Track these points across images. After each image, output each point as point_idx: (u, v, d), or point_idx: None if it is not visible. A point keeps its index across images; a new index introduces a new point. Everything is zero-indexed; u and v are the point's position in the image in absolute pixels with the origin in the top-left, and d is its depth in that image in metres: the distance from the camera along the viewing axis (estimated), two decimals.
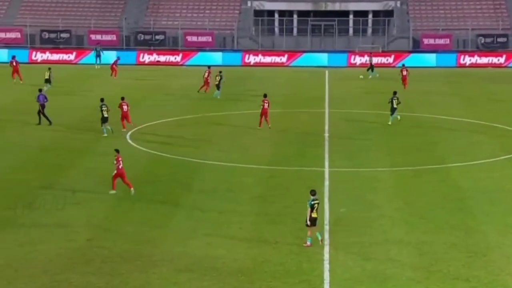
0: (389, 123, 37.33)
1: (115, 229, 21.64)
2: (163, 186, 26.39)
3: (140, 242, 20.58)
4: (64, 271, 18.57)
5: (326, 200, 24.77)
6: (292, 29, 69.18)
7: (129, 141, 33.42)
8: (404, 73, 49.57)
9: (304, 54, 63.11)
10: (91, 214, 22.92)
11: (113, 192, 25.18)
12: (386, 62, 62.43)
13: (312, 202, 20.46)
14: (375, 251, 20.22)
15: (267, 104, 36.47)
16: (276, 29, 69.39)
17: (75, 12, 69.83)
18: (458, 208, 24.06)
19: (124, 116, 35.69)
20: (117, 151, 25.71)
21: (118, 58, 55.93)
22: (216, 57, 62.75)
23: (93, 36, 66.30)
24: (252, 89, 48.32)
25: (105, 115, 34.45)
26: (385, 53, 63.68)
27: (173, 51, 64.98)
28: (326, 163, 29.76)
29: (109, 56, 61.03)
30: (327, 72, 57.06)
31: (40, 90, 37.68)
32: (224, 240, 20.92)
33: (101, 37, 66.33)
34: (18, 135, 34.09)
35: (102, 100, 35.34)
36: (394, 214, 23.45)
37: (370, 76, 53.89)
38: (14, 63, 51.49)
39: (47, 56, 63.43)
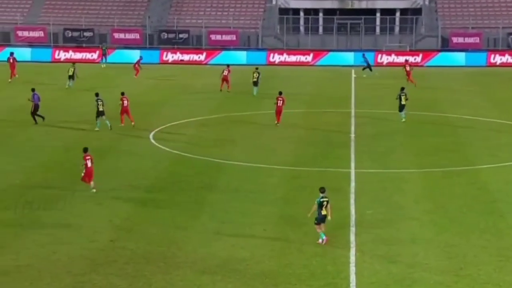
0: (403, 120, 37.57)
1: (138, 230, 21.73)
2: (187, 186, 26.46)
3: (163, 243, 20.66)
4: (87, 272, 18.69)
5: (352, 201, 24.69)
6: (317, 28, 69.04)
7: (152, 141, 33.57)
8: (408, 68, 49.52)
9: (330, 53, 62.94)
10: (114, 215, 23.04)
11: (93, 190, 25.21)
12: (413, 61, 62.05)
13: (321, 200, 20.61)
14: (402, 254, 20.11)
15: (281, 102, 36.90)
16: (301, 28, 69.29)
17: (98, 10, 70.30)
18: (488, 211, 23.85)
19: (124, 111, 36.04)
20: (85, 150, 25.83)
21: (141, 57, 56.13)
22: (240, 56, 62.83)
23: (116, 35, 66.69)
24: (276, 89, 47.97)
25: (100, 109, 35.09)
26: (412, 52, 63.30)
27: (197, 50, 65.17)
28: (352, 164, 29.66)
29: (133, 55, 61.36)
30: (353, 71, 56.88)
31: (33, 90, 37.67)
32: (248, 241, 20.92)
33: (124, 36, 66.74)
34: (42, 135, 34.38)
35: (97, 94, 36.03)
36: (422, 216, 23.30)
37: (365, 76, 53.73)
38: (11, 60, 51.56)
39: (70, 54, 63.88)
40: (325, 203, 20.67)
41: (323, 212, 20.60)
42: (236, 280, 18.39)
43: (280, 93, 37.65)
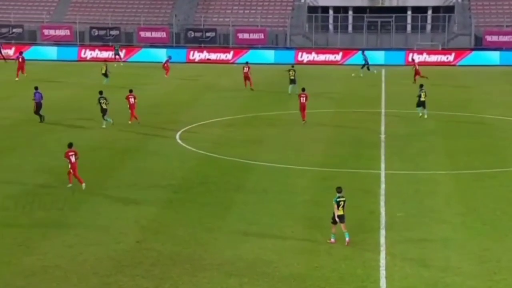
0: (421, 115, 38.11)
1: (165, 231, 21.86)
2: (214, 187, 26.55)
3: (190, 245, 20.75)
4: (114, 273, 18.84)
5: (382, 204, 24.61)
6: (347, 26, 68.87)
7: (179, 141, 33.74)
8: (417, 67, 50.23)
9: (360, 52, 62.77)
10: (140, 216, 23.20)
11: (70, 185, 25.80)
12: (446, 60, 61.67)
13: (338, 199, 20.77)
14: (434, 258, 19.99)
15: (304, 98, 37.27)
16: (331, 26, 69.17)
17: (125, 8, 70.80)
18: None
19: (131, 109, 36.64)
20: (69, 145, 26.41)
21: (170, 57, 56.25)
22: (268, 55, 62.91)
23: (142, 33, 67.13)
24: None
25: (104, 107, 35.79)
26: (445, 51, 62.91)
27: (224, 48, 65.38)
28: (383, 165, 29.55)
29: (160, 55, 61.74)
30: (383, 70, 56.65)
31: (36, 88, 38.17)
32: (276, 244, 20.95)
33: (151, 34, 67.15)
34: (69, 134, 34.67)
35: (101, 92, 36.61)
36: (454, 219, 23.15)
37: (362, 75, 53.45)
38: (20, 59, 52.32)
39: (96, 53, 64.41)
40: (341, 202, 20.84)
41: (340, 212, 20.74)
42: (263, 283, 18.43)
43: (303, 89, 38.20)
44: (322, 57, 62.97)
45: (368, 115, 40.26)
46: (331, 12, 69.01)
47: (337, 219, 20.67)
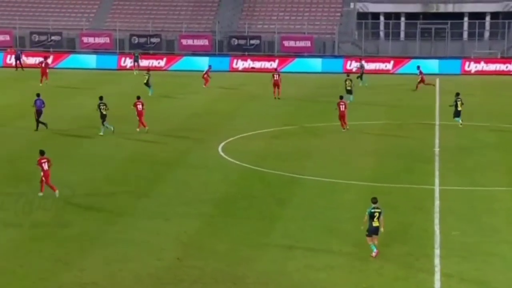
0: (460, 125, 38.30)
1: (207, 248, 21.88)
2: (257, 202, 26.54)
3: (233, 262, 20.74)
4: None
5: (436, 221, 24.30)
6: (399, 33, 68.45)
7: (221, 153, 33.83)
8: (423, 75, 50.77)
9: (412, 61, 62.23)
10: (181, 231, 23.27)
11: (57, 193, 26.34)
12: (505, 69, 60.83)
13: (372, 210, 20.95)
14: (494, 280, 19.64)
15: (343, 106, 38.02)
16: (381, 33, 68.85)
17: (166, 15, 71.38)
18: None
19: (139, 115, 37.53)
20: (41, 153, 26.92)
21: (210, 66, 56.10)
22: (315, 64, 62.83)
23: (184, 41, 67.61)
24: (354, 99, 47.97)
25: (104, 113, 36.49)
26: (504, 60, 62.06)
27: (269, 56, 65.48)
28: (437, 181, 29.20)
29: (202, 63, 62.08)
30: (438, 80, 56.08)
31: (38, 95, 38.86)
32: (323, 262, 20.82)
33: (193, 42, 67.60)
34: (107, 145, 35.06)
35: (101, 98, 37.31)
36: None
37: (360, 84, 52.79)
38: (43, 65, 53.84)
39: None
40: (376, 214, 20.94)
41: (375, 224, 20.89)
42: None
43: (341, 97, 38.83)
44: (372, 66, 62.61)
45: (421, 127, 39.88)
46: (382, 18, 68.70)
47: (367, 232, 20.90)
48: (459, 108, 38.70)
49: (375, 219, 20.91)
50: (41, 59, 56.46)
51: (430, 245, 22.10)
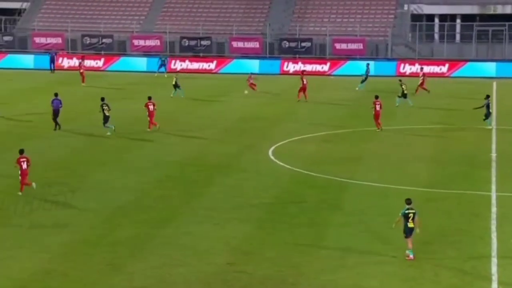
0: (489, 127, 38.57)
1: (257, 253, 21.89)
2: (308, 207, 26.47)
3: (283, 268, 20.69)
4: None
5: (493, 228, 23.94)
6: (454, 35, 67.71)
7: (271, 157, 33.84)
8: (425, 78, 51.10)
9: (468, 64, 61.54)
10: (231, 236, 23.33)
11: (34, 185, 27.14)
12: None
13: (406, 212, 21.19)
14: None
15: (379, 106, 38.44)
16: (436, 36, 68.15)
17: (217, 18, 71.70)
18: None
19: (151, 116, 38.36)
20: (20, 152, 27.46)
21: (252, 74, 54.65)
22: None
23: (234, 44, 67.84)
24: (407, 103, 47.62)
25: (107, 114, 37.41)
26: None
27: (320, 59, 65.36)
28: (493, 187, 28.77)
29: (252, 66, 62.20)
30: (495, 83, 55.30)
31: (56, 95, 39.46)
32: (376, 269, 20.65)
33: (243, 45, 67.79)
34: (157, 149, 35.36)
35: (102, 99, 38.11)
36: None
37: (357, 88, 52.28)
38: (82, 68, 55.55)
39: (187, 64, 65.50)
40: (411, 215, 21.17)
41: (410, 225, 21.14)
42: None
43: (377, 97, 38.96)
44: (426, 69, 61.88)
45: (477, 132, 39.35)
46: (436, 20, 68.02)
47: (404, 234, 21.11)
48: (491, 110, 39.08)
49: (409, 220, 21.19)
50: (79, 60, 57.82)
51: (486, 252, 21.78)
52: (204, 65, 65.26)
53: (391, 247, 22.28)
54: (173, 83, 50.07)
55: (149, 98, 39.17)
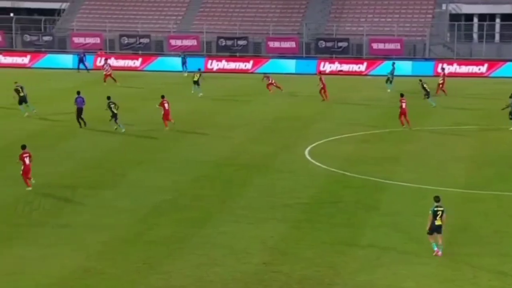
0: None
1: (293, 253, 21.90)
2: (345, 207, 26.42)
3: (320, 268, 20.69)
4: None
5: None
6: (493, 35, 67.01)
7: (308, 157, 33.82)
8: (444, 79, 50.43)
9: (508, 63, 60.81)
10: (267, 235, 23.36)
11: (29, 189, 27.60)
12: None
13: (435, 209, 21.40)
14: None
15: (405, 104, 38.76)
16: (475, 35, 67.50)
17: (253, 18, 71.79)
18: None
19: (166, 114, 38.79)
20: (23, 147, 28.19)
21: (265, 74, 53.76)
22: (405, 66, 62.03)
23: (271, 43, 67.85)
24: (445, 103, 47.30)
25: (115, 112, 38.28)
26: None
27: (357, 59, 65.09)
28: None
29: (289, 66, 62.11)
30: None
31: (78, 93, 40.09)
32: (413, 270, 20.56)
33: (280, 44, 67.76)
34: (193, 149, 35.52)
35: (109, 98, 38.85)
36: None
37: (389, 90, 51.23)
38: (107, 68, 56.13)
39: (223, 64, 65.64)
40: (439, 212, 21.36)
41: (437, 222, 21.31)
42: None
43: (402, 95, 39.43)
44: (464, 69, 61.49)
45: None
46: (475, 20, 67.36)
47: (431, 230, 21.25)
48: None
49: (437, 218, 21.34)
50: (105, 60, 58.64)
51: None
52: (241, 65, 65.34)
53: (428, 248, 22.13)
54: (195, 79, 50.15)
55: (163, 96, 39.71)
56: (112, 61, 64.54)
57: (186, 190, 28.52)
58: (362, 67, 63.54)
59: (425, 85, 46.54)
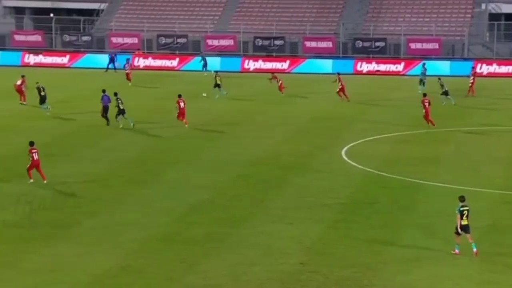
0: None
1: (331, 253, 21.83)
2: (382, 208, 26.27)
3: (357, 269, 20.59)
4: None
5: None
6: None
7: (344, 157, 33.69)
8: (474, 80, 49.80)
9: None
10: (304, 235, 23.32)
11: (31, 181, 28.55)
12: None
13: (461, 209, 21.46)
14: None
15: (427, 103, 39.10)
16: None
17: (290, 17, 71.73)
18: None
19: (181, 113, 39.37)
20: (31, 143, 29.00)
21: (275, 76, 53.54)
22: (443, 66, 61.55)
23: (307, 43, 67.74)
24: (484, 103, 46.85)
25: (121, 107, 39.08)
26: None
27: (394, 59, 64.69)
28: None
29: (325, 66, 61.90)
30: None
31: (103, 91, 40.71)
32: (452, 272, 20.37)
33: (316, 44, 67.62)
34: (230, 148, 35.58)
35: (116, 94, 39.93)
36: None
37: (419, 92, 49.01)
38: (129, 68, 56.64)
39: (260, 64, 65.65)
40: (465, 212, 21.41)
41: (464, 222, 21.35)
42: None
43: (425, 94, 39.62)
44: (504, 69, 60.76)
45: None
46: None
47: (460, 230, 21.23)
48: None
49: (464, 217, 21.34)
50: (126, 60, 59.19)
51: None
52: (277, 65, 65.28)
53: (467, 250, 21.91)
54: (217, 82, 49.92)
55: (179, 96, 40.16)
56: (150, 61, 64.96)
57: (223, 189, 28.58)
58: (399, 67, 63.14)
59: (443, 84, 46.24)
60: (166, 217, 25.19)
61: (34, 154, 28.85)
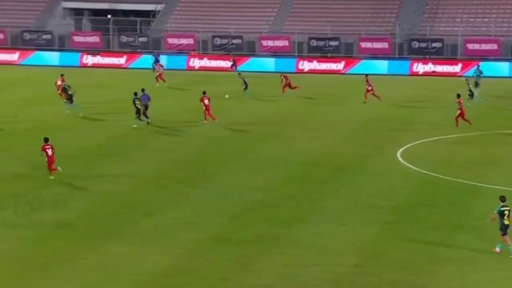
0: None
1: (385, 255, 21.68)
2: (438, 210, 25.99)
3: (412, 272, 20.40)
4: None
5: None
6: None
7: (400, 159, 33.42)
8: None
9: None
10: (358, 237, 23.20)
11: (60, 169, 28.91)
12: None
13: (502, 209, 21.47)
14: None
15: (462, 104, 39.20)
16: None
17: (345, 18, 71.36)
18: None
19: (207, 110, 40.25)
20: (45, 140, 29.33)
21: (285, 75, 52.73)
22: (502, 68, 60.63)
23: (363, 44, 67.32)
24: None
25: (138, 107, 39.52)
26: None
27: (451, 60, 63.89)
28: None
29: (381, 66, 61.44)
30: None
31: (143, 90, 41.22)
32: (509, 276, 20.03)
33: (372, 45, 67.18)
34: (280, 148, 35.54)
35: (135, 94, 40.20)
36: None
37: (476, 94, 47.49)
38: (157, 68, 57.25)
39: (314, 65, 65.52)
40: (506, 212, 21.41)
41: (506, 222, 21.36)
42: None
43: (459, 95, 39.29)
44: None
45: None
46: None
47: (502, 231, 21.29)
48: None
49: (505, 217, 21.24)
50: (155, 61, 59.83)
51: None
52: (332, 66, 65.09)
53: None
54: (246, 82, 49.94)
55: (204, 92, 40.82)
56: (205, 62, 65.34)
57: (276, 189, 28.60)
58: (456, 68, 62.35)
59: (470, 86, 45.94)
60: (220, 217, 25.31)
61: (48, 150, 29.08)
